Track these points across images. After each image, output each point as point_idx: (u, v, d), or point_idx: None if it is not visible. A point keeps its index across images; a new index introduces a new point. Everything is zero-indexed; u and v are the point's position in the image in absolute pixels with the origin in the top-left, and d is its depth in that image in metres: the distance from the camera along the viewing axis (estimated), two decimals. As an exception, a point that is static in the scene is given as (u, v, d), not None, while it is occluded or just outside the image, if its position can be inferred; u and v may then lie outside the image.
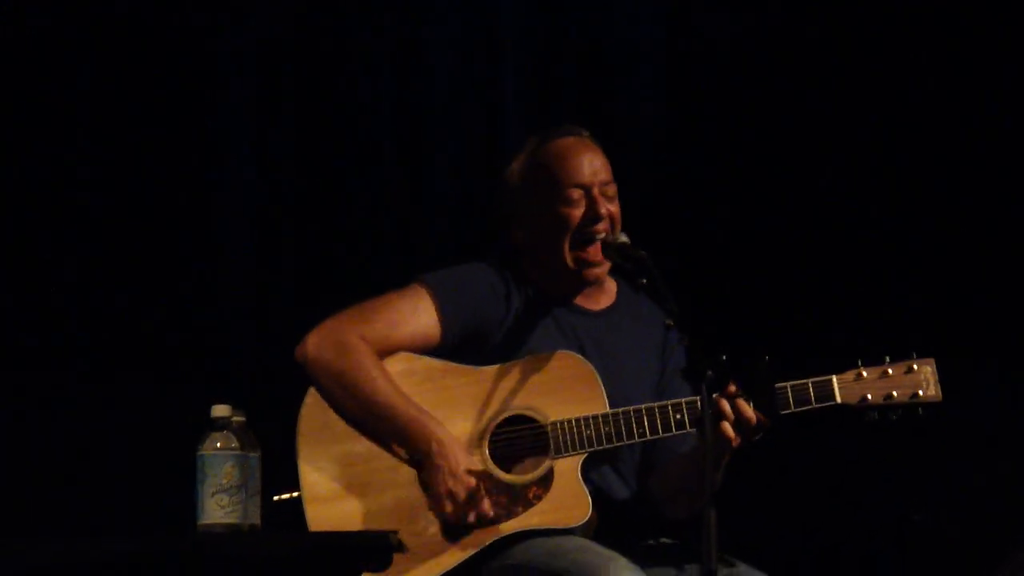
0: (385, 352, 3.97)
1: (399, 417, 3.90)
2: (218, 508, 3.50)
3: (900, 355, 3.93)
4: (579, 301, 4.11)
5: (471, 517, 3.87)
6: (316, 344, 3.95)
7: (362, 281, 4.92)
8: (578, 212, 4.02)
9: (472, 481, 3.86)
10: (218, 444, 3.53)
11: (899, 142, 5.08)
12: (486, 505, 3.87)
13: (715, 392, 3.72)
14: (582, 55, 5.24)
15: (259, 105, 5.11)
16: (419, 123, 5.19)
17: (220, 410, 3.55)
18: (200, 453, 3.53)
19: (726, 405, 3.79)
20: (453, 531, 3.88)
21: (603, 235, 4.00)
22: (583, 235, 4.02)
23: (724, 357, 3.54)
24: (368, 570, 3.65)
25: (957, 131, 5.04)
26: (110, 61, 5.01)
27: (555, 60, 5.24)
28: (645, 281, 3.78)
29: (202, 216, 5.04)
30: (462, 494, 3.86)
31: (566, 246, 4.02)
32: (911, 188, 5.05)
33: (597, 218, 4.01)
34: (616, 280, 4.16)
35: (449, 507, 3.87)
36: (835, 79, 5.11)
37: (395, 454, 3.93)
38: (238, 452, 3.52)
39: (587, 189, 4.02)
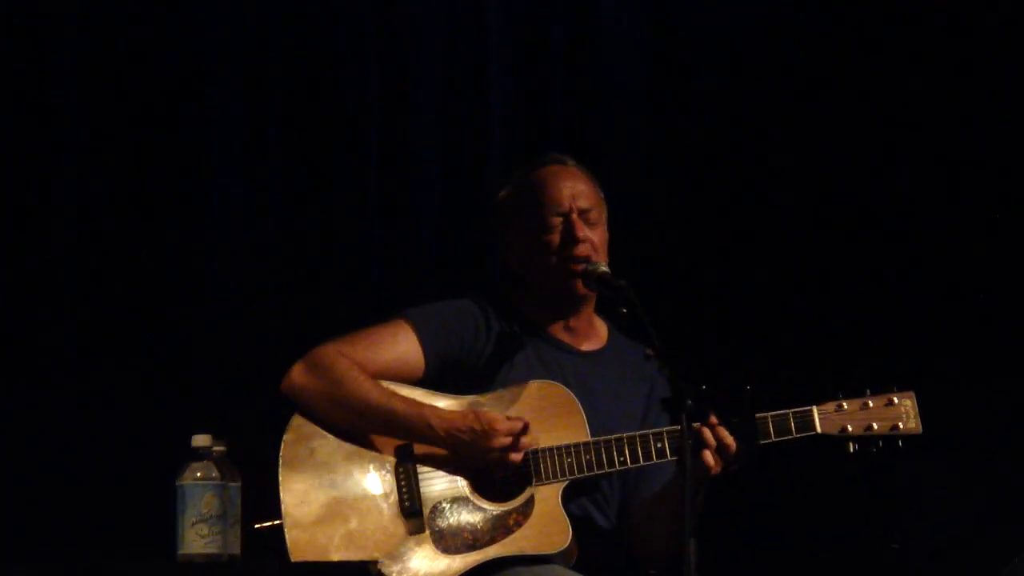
0: (368, 375, 3.98)
1: (397, 413, 3.92)
2: (198, 538, 3.50)
3: (881, 387, 3.96)
4: (567, 339, 4.13)
5: (521, 444, 3.88)
6: (301, 371, 3.97)
7: (345, 312, 4.92)
8: (557, 238, 4.05)
9: (498, 425, 3.87)
10: (198, 474, 3.53)
11: (878, 170, 5.08)
12: (523, 431, 3.88)
13: (696, 422, 3.73)
14: (568, 69, 5.26)
15: (246, 127, 5.09)
16: (405, 139, 5.18)
17: (200, 440, 3.56)
18: (180, 483, 3.53)
19: (707, 434, 3.80)
20: (435, 558, 3.88)
21: (584, 258, 4.01)
22: (564, 260, 4.03)
23: (704, 387, 3.55)
24: (348, 600, 3.68)
25: (938, 160, 5.05)
26: (97, 65, 4.98)
27: (541, 80, 5.25)
28: (625, 311, 3.80)
29: (185, 245, 5.01)
30: (500, 445, 3.87)
31: (550, 272, 4.04)
32: (895, 219, 5.05)
33: (575, 241, 4.03)
34: (608, 325, 4.18)
35: (505, 459, 3.88)
36: (815, 104, 5.12)
37: (385, 467, 3.92)
38: (218, 482, 3.53)
39: (565, 215, 4.06)
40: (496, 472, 3.92)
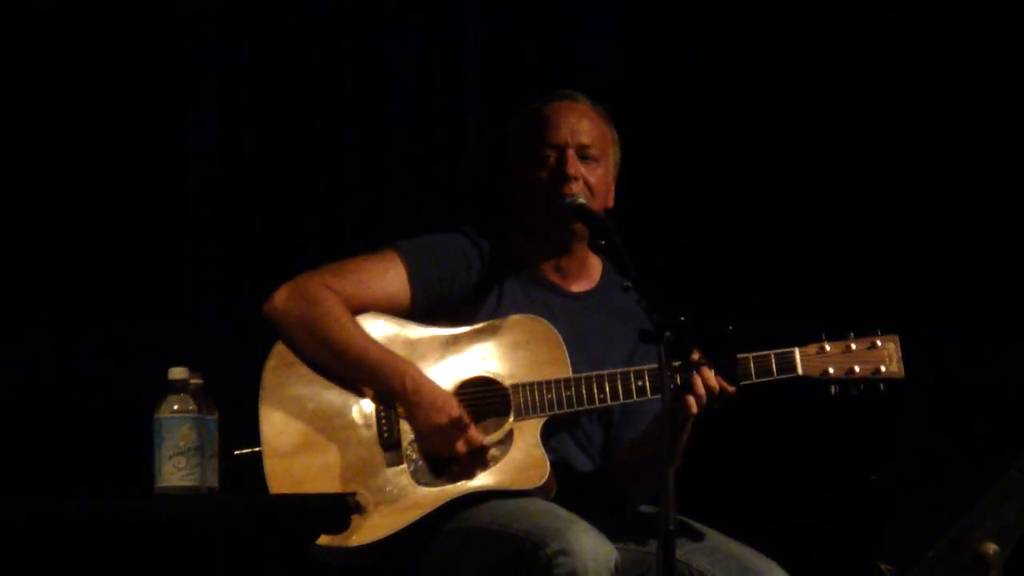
0: (353, 309, 3.96)
1: (371, 360, 3.90)
2: (175, 471, 3.50)
3: (865, 331, 3.95)
4: (557, 280, 4.10)
5: (460, 446, 3.86)
6: (284, 297, 3.95)
7: (323, 243, 4.93)
8: (547, 173, 4.01)
9: (454, 412, 3.86)
10: (175, 407, 3.52)
11: (862, 114, 5.07)
12: (472, 432, 3.87)
13: (675, 356, 3.71)
14: (542, 25, 5.22)
15: (222, 64, 5.05)
16: (380, 86, 5.15)
17: (177, 372, 3.54)
18: (157, 416, 3.52)
19: (690, 374, 3.79)
20: (412, 489, 3.89)
21: (572, 197, 3.97)
22: (552, 196, 3.99)
23: (683, 319, 3.53)
24: (326, 532, 3.68)
25: (917, 104, 5.04)
26: (76, 58, 4.95)
27: (516, 32, 5.21)
28: (604, 243, 3.78)
29: (163, 179, 4.97)
30: (447, 425, 3.86)
31: (538, 207, 4.01)
32: (879, 164, 5.04)
33: (565, 178, 3.98)
34: (603, 265, 4.15)
35: (438, 441, 3.87)
36: (795, 41, 5.11)
37: (365, 398, 3.92)
38: (195, 415, 3.52)
39: (560, 149, 4.00)
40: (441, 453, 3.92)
